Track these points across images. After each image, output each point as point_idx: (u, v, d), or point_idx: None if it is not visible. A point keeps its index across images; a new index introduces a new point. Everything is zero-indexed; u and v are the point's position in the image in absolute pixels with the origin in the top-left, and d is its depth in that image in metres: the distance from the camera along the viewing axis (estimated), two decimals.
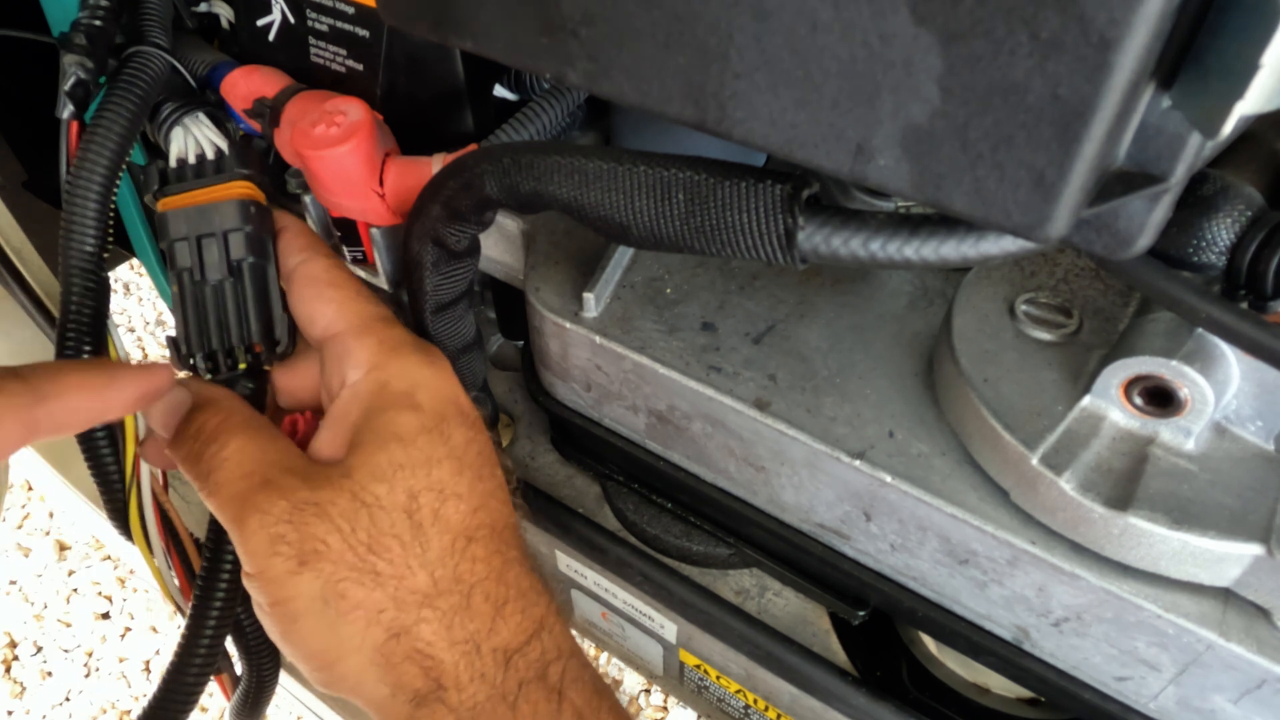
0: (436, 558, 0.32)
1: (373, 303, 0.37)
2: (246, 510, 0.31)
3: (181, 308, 0.37)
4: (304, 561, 0.31)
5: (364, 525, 0.32)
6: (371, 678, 0.31)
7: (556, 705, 0.32)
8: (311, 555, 0.31)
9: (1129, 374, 0.33)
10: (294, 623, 0.31)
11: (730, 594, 0.54)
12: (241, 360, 0.37)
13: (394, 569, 0.32)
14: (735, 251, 0.30)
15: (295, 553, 0.31)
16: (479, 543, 0.33)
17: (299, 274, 0.37)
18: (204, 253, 0.37)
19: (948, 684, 0.50)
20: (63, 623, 1.21)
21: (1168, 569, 0.33)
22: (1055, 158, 0.21)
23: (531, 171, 0.33)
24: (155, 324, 1.49)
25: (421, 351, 0.36)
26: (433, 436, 0.34)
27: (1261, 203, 0.30)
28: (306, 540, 0.31)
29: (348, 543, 0.31)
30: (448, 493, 0.33)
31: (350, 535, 0.31)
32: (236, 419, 0.35)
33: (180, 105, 0.44)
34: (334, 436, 0.34)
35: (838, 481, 0.40)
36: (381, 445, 0.33)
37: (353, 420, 0.34)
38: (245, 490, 0.32)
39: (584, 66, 0.28)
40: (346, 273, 0.38)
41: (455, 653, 0.31)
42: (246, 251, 0.37)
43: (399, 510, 0.32)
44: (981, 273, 0.40)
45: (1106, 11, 0.19)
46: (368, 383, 0.34)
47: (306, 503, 0.31)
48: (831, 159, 0.25)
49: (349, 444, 0.33)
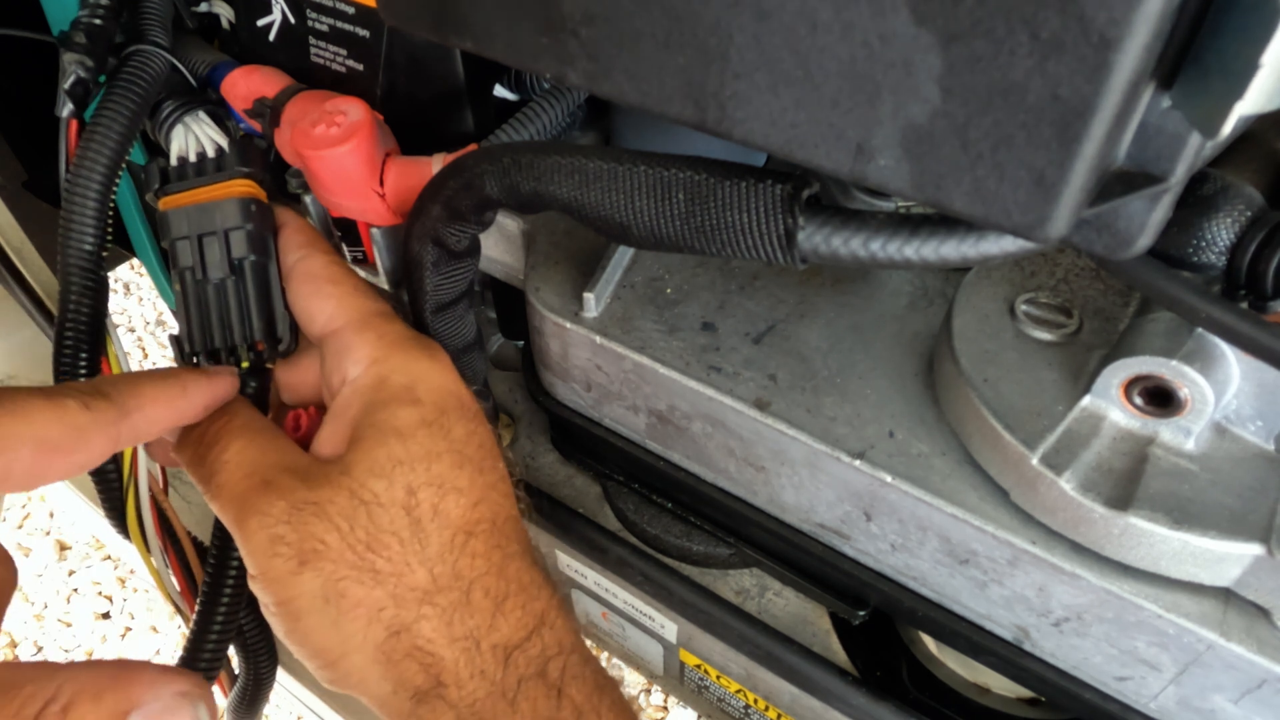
0: (436, 554, 0.32)
1: (372, 298, 0.37)
2: (247, 512, 0.32)
3: (184, 306, 0.38)
4: (304, 561, 0.31)
5: (362, 523, 0.32)
6: (374, 675, 0.32)
7: (555, 702, 0.32)
8: (311, 555, 0.31)
9: (1129, 374, 0.33)
10: (297, 621, 0.31)
11: (730, 594, 0.54)
12: (244, 358, 0.37)
13: (393, 566, 0.32)
14: (735, 251, 0.30)
15: (295, 553, 0.31)
16: (479, 537, 0.33)
17: (298, 270, 0.38)
18: (206, 251, 0.37)
19: (948, 684, 0.50)
20: (63, 623, 1.21)
21: (1168, 569, 0.33)
22: (1055, 158, 0.21)
23: (532, 171, 0.33)
24: (155, 324, 1.49)
25: (421, 346, 0.36)
26: (433, 430, 0.34)
27: (1261, 203, 0.30)
28: (305, 540, 0.31)
29: (346, 541, 0.31)
30: (447, 487, 0.33)
31: (349, 534, 0.31)
32: (238, 421, 0.35)
33: (181, 103, 0.44)
34: (335, 432, 0.34)
35: (838, 481, 0.40)
36: (380, 440, 0.33)
37: (353, 416, 0.34)
38: (245, 492, 0.32)
39: (584, 66, 0.28)
40: (345, 268, 0.38)
41: (455, 649, 0.31)
42: (248, 249, 0.37)
43: (397, 507, 0.32)
44: (981, 273, 0.40)
45: (1106, 11, 0.19)
46: (367, 378, 0.34)
47: (305, 502, 0.31)
48: (831, 159, 0.25)
49: (350, 440, 0.33)
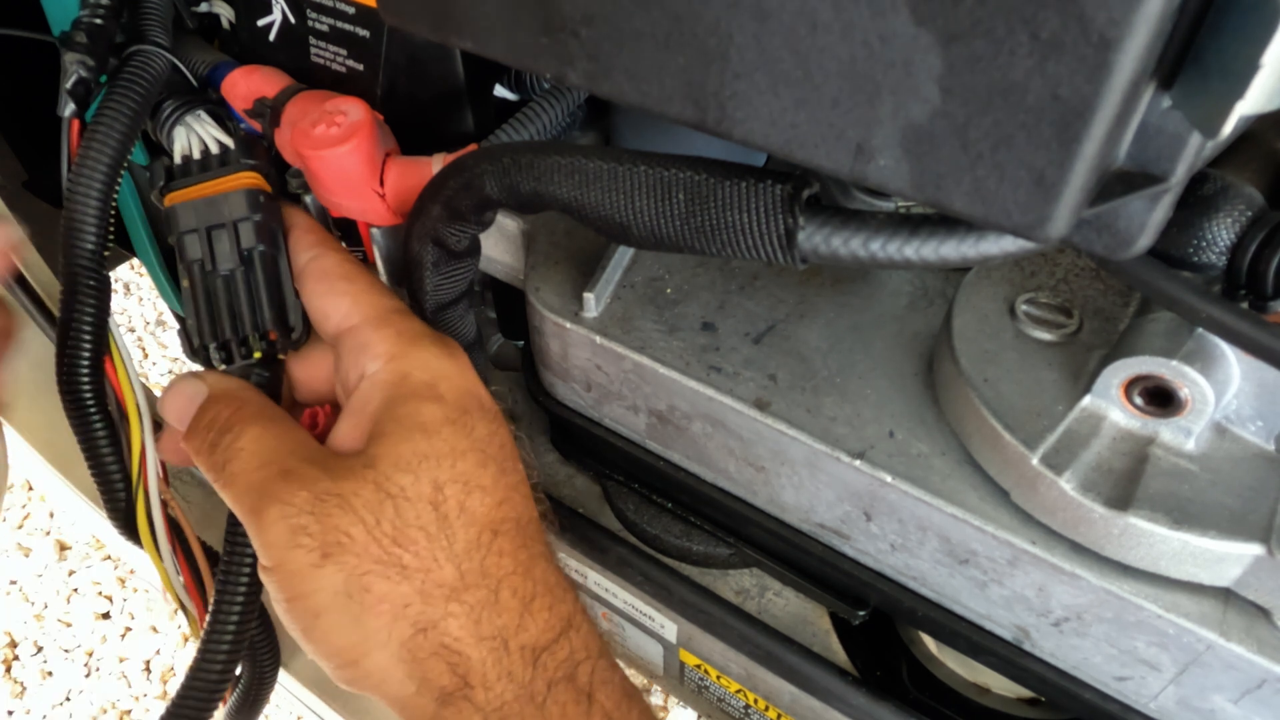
0: (463, 550, 0.31)
1: (388, 295, 0.37)
2: (266, 500, 0.31)
3: (194, 299, 0.37)
4: (327, 554, 0.30)
5: (389, 517, 0.31)
6: (398, 674, 0.31)
7: (586, 708, 0.31)
8: (335, 547, 0.30)
9: (1129, 374, 0.33)
10: (316, 618, 0.30)
11: (730, 594, 0.54)
12: (255, 348, 0.37)
13: (420, 561, 0.31)
14: (735, 251, 0.30)
15: (318, 544, 0.30)
16: (505, 536, 0.32)
17: (311, 270, 0.37)
18: (214, 243, 0.37)
19: (948, 684, 0.50)
20: (63, 623, 1.21)
21: (1168, 569, 0.33)
22: (1055, 158, 0.21)
23: (532, 171, 0.33)
24: (155, 324, 1.49)
25: (440, 344, 0.35)
26: (456, 428, 0.33)
27: (1261, 203, 0.29)
28: (329, 532, 0.30)
29: (372, 535, 0.30)
30: (472, 485, 0.32)
31: (375, 527, 0.30)
32: (251, 408, 0.34)
33: (181, 103, 0.44)
34: (354, 427, 0.33)
35: (838, 481, 0.40)
36: (405, 435, 0.32)
37: (374, 410, 0.33)
38: (263, 480, 0.31)
39: (584, 66, 0.28)
40: (359, 265, 0.37)
41: (483, 649, 0.30)
42: (257, 240, 0.37)
43: (424, 501, 0.31)
44: (981, 273, 0.40)
45: (1106, 11, 0.19)
46: (388, 373, 0.34)
47: (329, 493, 0.30)
48: (831, 159, 0.25)
49: (370, 434, 0.33)
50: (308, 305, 0.37)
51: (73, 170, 0.39)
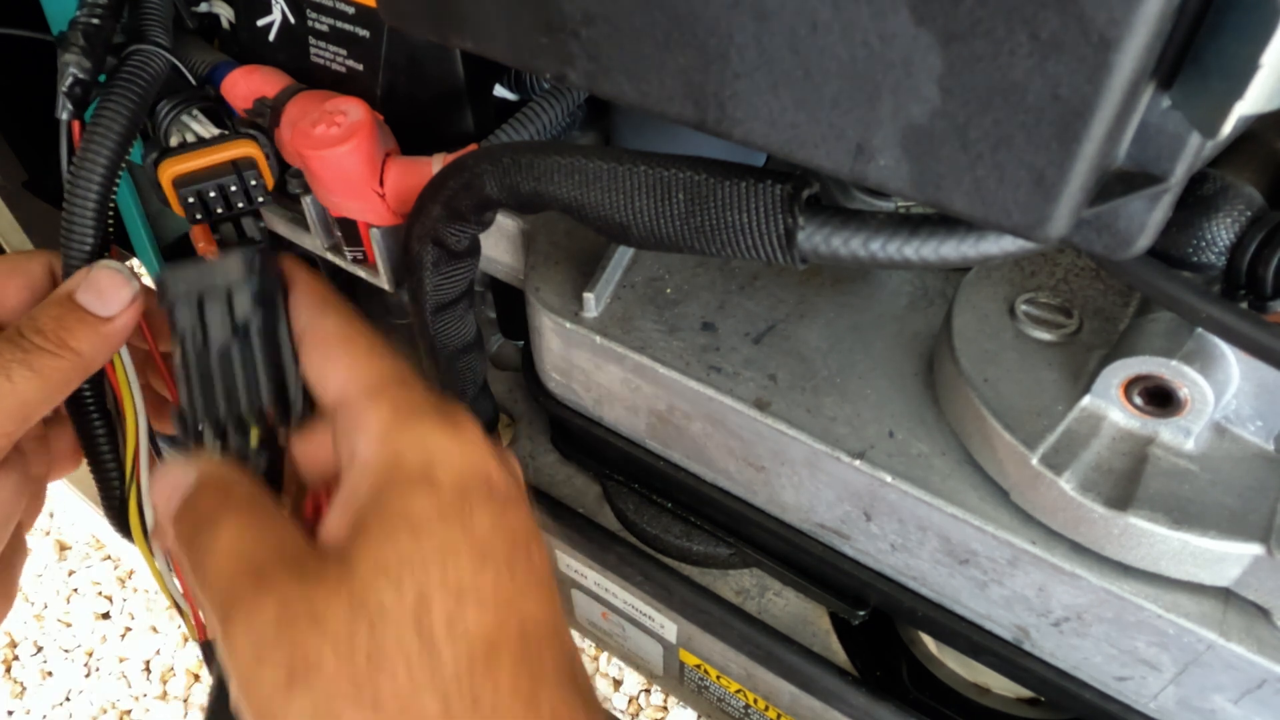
0: (451, 676, 0.27)
1: (387, 361, 0.33)
2: (232, 608, 0.27)
3: (185, 374, 0.35)
4: (294, 677, 0.26)
5: (363, 637, 0.27)
6: None
7: None
8: (303, 671, 0.26)
9: (1129, 374, 0.33)
10: None
11: (730, 594, 0.54)
12: (253, 426, 0.34)
13: (397, 691, 0.26)
14: (735, 251, 0.30)
15: (285, 665, 0.26)
16: (505, 655, 0.28)
17: (308, 335, 0.34)
18: (206, 314, 0.34)
19: (948, 684, 0.50)
20: (63, 623, 1.21)
21: (1168, 569, 0.33)
22: (1055, 158, 0.21)
23: (532, 171, 0.33)
24: None
25: (443, 416, 0.31)
26: (450, 523, 0.29)
27: (1261, 203, 0.29)
28: (297, 651, 0.26)
29: (344, 660, 0.26)
30: (466, 594, 0.28)
31: (348, 651, 0.26)
32: (236, 499, 0.30)
33: (177, 102, 0.44)
34: (340, 517, 0.30)
35: (838, 481, 0.40)
36: (389, 534, 0.28)
37: (360, 502, 0.29)
38: (233, 584, 0.28)
39: (584, 66, 0.28)
40: (359, 327, 0.34)
41: None
42: (254, 306, 0.34)
43: (406, 618, 0.27)
44: (981, 273, 0.40)
45: (1106, 11, 0.19)
46: (379, 455, 0.30)
47: (299, 605, 0.27)
48: (831, 159, 0.25)
49: (354, 529, 0.29)
50: (307, 374, 0.34)
51: (71, 169, 0.39)
